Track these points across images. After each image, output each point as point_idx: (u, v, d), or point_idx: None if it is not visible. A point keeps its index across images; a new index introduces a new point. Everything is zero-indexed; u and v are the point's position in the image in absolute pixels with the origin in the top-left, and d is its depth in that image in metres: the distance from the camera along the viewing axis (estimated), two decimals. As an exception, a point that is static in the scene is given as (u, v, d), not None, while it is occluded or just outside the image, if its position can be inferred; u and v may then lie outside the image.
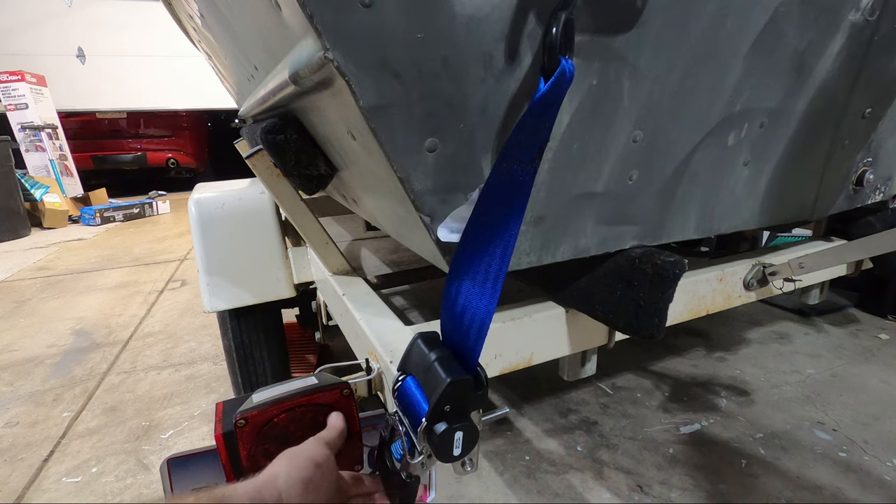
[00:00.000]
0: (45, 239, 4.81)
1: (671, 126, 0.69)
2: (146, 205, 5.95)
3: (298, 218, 1.07)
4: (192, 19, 1.24)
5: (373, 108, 0.49)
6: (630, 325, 0.72)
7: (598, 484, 1.23)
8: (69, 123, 6.70)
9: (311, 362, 1.84)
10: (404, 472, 0.55)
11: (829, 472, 1.24)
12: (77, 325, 2.49)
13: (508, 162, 0.51)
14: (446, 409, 0.51)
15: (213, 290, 1.30)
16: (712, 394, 1.60)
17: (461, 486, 1.24)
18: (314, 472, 0.49)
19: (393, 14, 0.45)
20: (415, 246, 0.77)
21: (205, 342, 2.22)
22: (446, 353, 0.54)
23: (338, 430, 0.58)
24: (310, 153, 0.89)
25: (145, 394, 1.78)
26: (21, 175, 5.35)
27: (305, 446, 0.53)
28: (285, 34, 0.56)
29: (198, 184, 1.53)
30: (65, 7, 6.64)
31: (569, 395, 1.62)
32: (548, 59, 0.50)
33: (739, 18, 0.65)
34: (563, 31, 0.48)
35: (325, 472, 0.51)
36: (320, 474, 0.50)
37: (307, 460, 0.50)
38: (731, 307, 1.03)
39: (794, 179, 0.93)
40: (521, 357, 0.82)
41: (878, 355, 1.80)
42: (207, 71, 3.17)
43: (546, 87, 0.49)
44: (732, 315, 2.18)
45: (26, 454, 1.47)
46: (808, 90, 0.80)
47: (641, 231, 0.78)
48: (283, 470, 0.48)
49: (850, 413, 1.47)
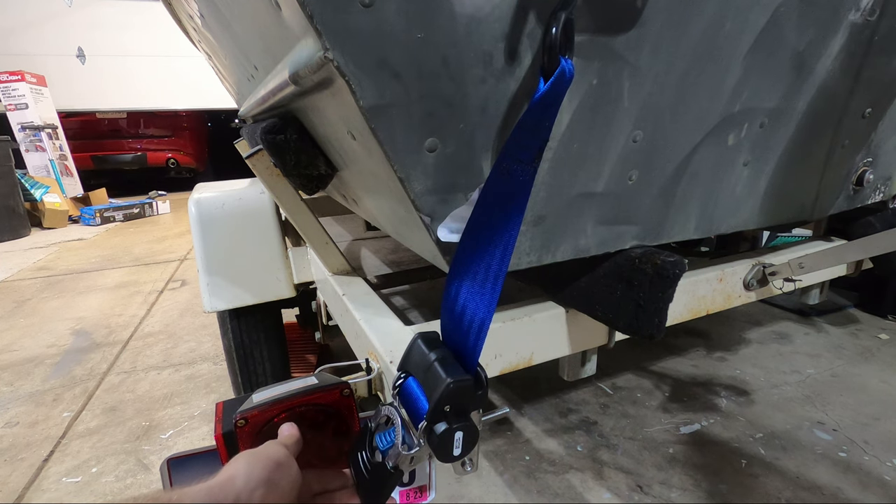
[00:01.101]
0: (45, 239, 4.81)
1: (671, 126, 0.69)
2: (146, 205, 5.96)
3: (298, 218, 1.07)
4: (192, 19, 1.24)
5: (373, 108, 0.49)
6: (630, 325, 0.72)
7: (598, 484, 1.23)
8: (69, 123, 6.70)
9: (311, 362, 1.84)
10: (390, 462, 0.54)
11: (828, 472, 1.24)
12: (77, 325, 2.49)
13: (508, 162, 0.51)
14: (446, 410, 0.51)
15: (213, 290, 1.30)
16: (712, 394, 1.60)
17: (461, 486, 1.24)
18: (274, 472, 0.48)
19: (393, 14, 0.45)
20: (415, 246, 0.77)
21: (205, 342, 2.22)
22: (446, 354, 0.54)
23: (294, 437, 0.56)
24: (310, 153, 0.89)
25: (145, 394, 1.78)
26: (21, 175, 5.35)
27: (264, 447, 0.51)
28: (285, 34, 0.56)
29: (198, 184, 1.53)
30: (65, 7, 6.64)
31: (569, 395, 1.62)
32: (548, 59, 0.50)
33: (739, 18, 0.65)
34: (563, 31, 0.48)
35: (286, 471, 0.50)
36: (280, 473, 0.48)
37: (267, 460, 0.48)
38: (731, 307, 1.03)
39: (794, 179, 0.93)
40: (521, 357, 0.82)
41: (878, 355, 1.80)
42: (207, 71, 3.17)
43: (546, 87, 0.49)
44: (732, 315, 2.18)
45: (26, 454, 1.47)
46: (808, 90, 0.80)
47: (641, 231, 0.78)
48: (242, 470, 0.46)
49: (850, 413, 1.47)
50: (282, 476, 0.48)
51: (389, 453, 0.54)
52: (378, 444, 0.56)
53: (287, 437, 0.55)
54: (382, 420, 0.57)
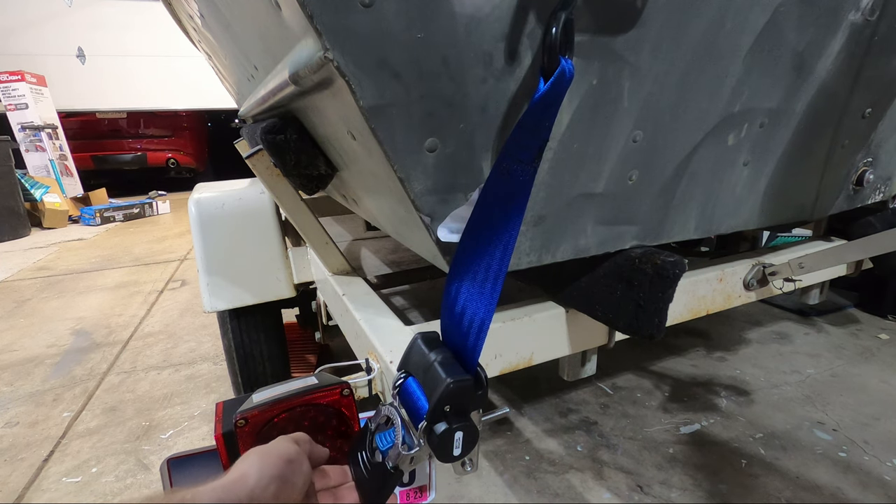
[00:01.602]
0: (45, 239, 4.81)
1: (671, 126, 0.69)
2: (146, 205, 5.96)
3: (298, 218, 1.07)
4: (192, 19, 1.24)
5: (373, 108, 0.49)
6: (630, 325, 0.72)
7: (598, 484, 1.23)
8: (69, 123, 6.70)
9: (311, 362, 1.84)
10: (390, 462, 0.54)
11: (828, 472, 1.24)
12: (77, 325, 2.49)
13: (508, 162, 0.51)
14: (446, 410, 0.51)
15: (213, 290, 1.30)
16: (712, 394, 1.60)
17: (461, 486, 1.24)
18: (286, 469, 0.48)
19: (393, 14, 0.45)
20: (415, 246, 0.77)
21: (205, 342, 2.22)
22: (446, 354, 0.54)
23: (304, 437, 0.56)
24: (310, 153, 0.89)
25: (145, 394, 1.78)
26: (21, 175, 5.35)
27: (275, 444, 0.51)
28: (285, 34, 0.56)
29: (198, 184, 1.53)
30: (65, 7, 6.64)
31: (569, 395, 1.62)
32: (547, 59, 0.50)
33: (739, 18, 0.65)
34: (563, 31, 0.48)
35: (298, 467, 0.49)
36: (292, 470, 0.48)
37: (279, 458, 0.48)
38: (731, 307, 1.03)
39: (794, 179, 0.93)
40: (521, 357, 0.82)
41: (878, 355, 1.80)
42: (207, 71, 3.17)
43: (546, 88, 0.49)
44: (732, 315, 2.18)
45: (26, 454, 1.47)
46: (808, 90, 0.80)
47: (641, 231, 0.78)
48: (254, 468, 0.46)
49: (850, 413, 1.47)
50: (294, 472, 0.48)
51: (389, 453, 0.54)
52: (378, 444, 0.56)
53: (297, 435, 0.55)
54: (382, 420, 0.57)
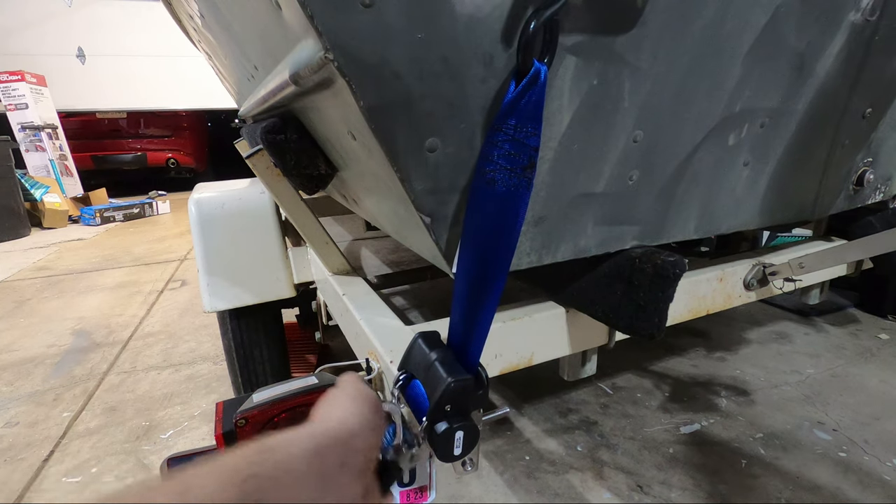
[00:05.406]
0: (45, 239, 4.81)
1: (671, 126, 0.69)
2: (146, 205, 5.95)
3: (298, 218, 1.07)
4: (192, 19, 1.24)
5: (373, 108, 0.49)
6: (630, 325, 0.72)
7: (598, 484, 1.23)
8: (69, 123, 6.70)
9: (311, 362, 1.84)
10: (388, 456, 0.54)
11: (828, 472, 1.24)
12: (77, 325, 2.49)
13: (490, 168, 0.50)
14: (447, 409, 0.51)
15: (213, 290, 1.30)
16: (712, 394, 1.60)
17: (461, 486, 1.24)
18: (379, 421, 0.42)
19: (393, 14, 0.45)
20: (415, 246, 0.77)
21: (205, 342, 2.22)
22: (447, 353, 0.54)
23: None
24: (310, 153, 0.89)
25: (145, 394, 1.78)
26: (21, 175, 5.35)
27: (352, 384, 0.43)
28: (285, 34, 0.56)
29: (198, 184, 1.53)
30: (65, 7, 6.64)
31: (569, 395, 1.62)
32: (521, 60, 0.48)
33: (739, 18, 0.65)
34: (545, 32, 0.47)
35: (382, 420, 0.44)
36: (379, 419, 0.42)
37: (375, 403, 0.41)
38: (731, 307, 1.03)
39: (794, 179, 0.93)
40: (521, 357, 0.82)
41: (878, 355, 1.80)
42: (207, 71, 3.17)
43: (516, 91, 0.48)
44: (732, 315, 2.18)
45: (26, 454, 1.47)
46: (808, 90, 0.80)
47: (642, 231, 0.78)
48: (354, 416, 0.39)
49: (850, 413, 1.47)
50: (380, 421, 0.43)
51: (389, 451, 0.54)
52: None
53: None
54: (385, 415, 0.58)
